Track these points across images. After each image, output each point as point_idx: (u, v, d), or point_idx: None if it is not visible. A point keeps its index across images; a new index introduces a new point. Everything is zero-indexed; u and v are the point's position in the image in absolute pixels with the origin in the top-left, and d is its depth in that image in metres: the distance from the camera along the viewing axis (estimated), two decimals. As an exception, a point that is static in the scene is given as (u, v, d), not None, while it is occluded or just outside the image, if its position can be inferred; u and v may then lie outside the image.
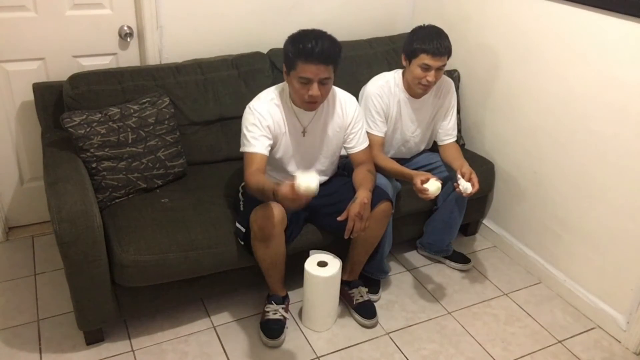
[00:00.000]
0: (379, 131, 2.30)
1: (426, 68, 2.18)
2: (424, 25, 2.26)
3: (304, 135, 2.09)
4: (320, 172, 2.20)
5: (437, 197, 2.46)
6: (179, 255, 1.98)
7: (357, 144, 2.17)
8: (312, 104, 1.98)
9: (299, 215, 2.14)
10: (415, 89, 2.28)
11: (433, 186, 2.09)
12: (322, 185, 2.22)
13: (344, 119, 2.13)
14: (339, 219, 1.99)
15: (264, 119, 1.99)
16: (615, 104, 2.13)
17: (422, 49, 2.16)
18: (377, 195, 2.12)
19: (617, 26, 2.07)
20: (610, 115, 2.15)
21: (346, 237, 2.01)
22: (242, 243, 2.05)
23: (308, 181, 1.64)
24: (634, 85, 2.05)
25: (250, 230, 1.97)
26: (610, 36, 2.10)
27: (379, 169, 2.25)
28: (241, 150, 2.01)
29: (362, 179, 2.10)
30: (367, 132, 2.28)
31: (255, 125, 1.98)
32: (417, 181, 2.10)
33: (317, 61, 1.86)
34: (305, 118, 2.07)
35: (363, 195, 1.99)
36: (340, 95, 2.14)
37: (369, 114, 2.29)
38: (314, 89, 1.90)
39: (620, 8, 2.03)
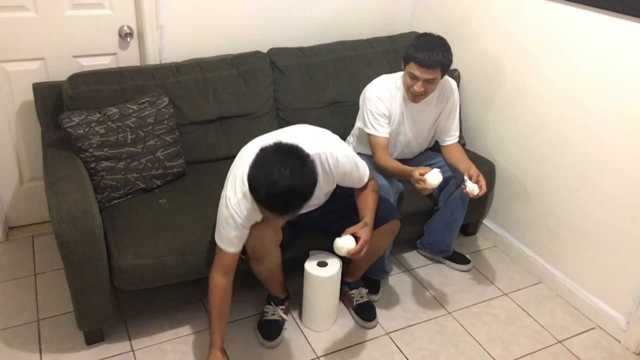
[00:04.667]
0: (382, 132, 2.28)
1: (413, 77, 2.16)
2: (430, 33, 2.22)
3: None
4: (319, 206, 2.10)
5: (438, 197, 2.48)
6: (178, 258, 1.98)
7: (354, 184, 2.02)
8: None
9: (295, 225, 2.07)
10: (407, 94, 2.27)
11: (432, 176, 2.00)
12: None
13: (335, 179, 1.93)
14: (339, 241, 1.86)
15: (241, 218, 1.81)
16: (615, 104, 2.12)
17: (412, 57, 2.13)
18: (387, 212, 2.07)
19: (617, 26, 2.06)
20: (610, 116, 2.15)
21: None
22: (244, 257, 1.98)
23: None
24: (634, 86, 2.04)
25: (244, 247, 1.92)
26: (610, 36, 2.10)
27: (383, 170, 2.25)
28: (217, 241, 1.87)
29: (367, 202, 1.99)
30: (370, 134, 2.28)
31: (230, 225, 1.81)
32: (416, 173, 2.04)
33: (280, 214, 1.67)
34: None
35: (365, 236, 1.86)
36: (324, 164, 1.84)
37: (371, 116, 2.27)
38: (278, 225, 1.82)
39: (620, 8, 2.03)
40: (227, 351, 2.10)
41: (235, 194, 1.79)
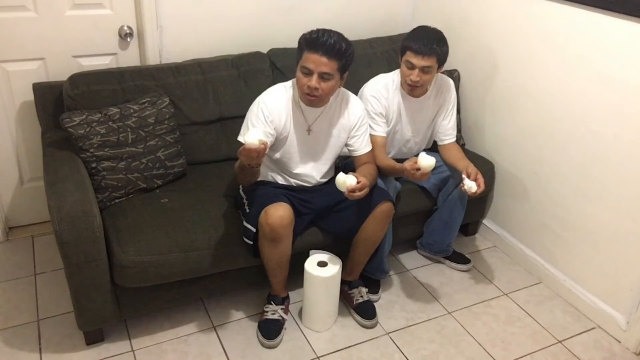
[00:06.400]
0: (379, 132, 2.30)
1: (410, 66, 2.19)
2: (425, 26, 2.25)
3: (308, 134, 2.09)
4: (322, 174, 2.20)
5: (437, 197, 2.49)
6: (179, 255, 1.98)
7: (361, 147, 2.17)
8: (310, 97, 1.97)
9: (303, 217, 2.13)
10: (404, 87, 2.28)
11: (423, 158, 2.00)
12: (324, 185, 2.22)
13: (349, 120, 2.13)
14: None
15: (269, 114, 2.00)
16: (615, 104, 2.13)
17: (408, 46, 2.18)
18: (379, 195, 2.11)
19: (617, 26, 2.06)
20: (610, 116, 2.15)
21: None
22: (252, 243, 2.03)
23: None
24: (634, 86, 2.05)
25: (259, 230, 1.97)
26: (610, 36, 2.10)
27: (380, 169, 2.25)
28: (238, 138, 2.01)
29: (370, 171, 2.12)
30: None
31: (259, 119, 1.99)
32: (407, 163, 2.05)
33: (321, 52, 1.89)
34: (310, 116, 2.07)
35: (365, 181, 1.94)
36: (348, 97, 2.15)
37: (368, 116, 2.28)
38: (313, 80, 1.92)
39: (620, 8, 2.03)
40: (227, 351, 2.10)
41: (267, 92, 2.05)
